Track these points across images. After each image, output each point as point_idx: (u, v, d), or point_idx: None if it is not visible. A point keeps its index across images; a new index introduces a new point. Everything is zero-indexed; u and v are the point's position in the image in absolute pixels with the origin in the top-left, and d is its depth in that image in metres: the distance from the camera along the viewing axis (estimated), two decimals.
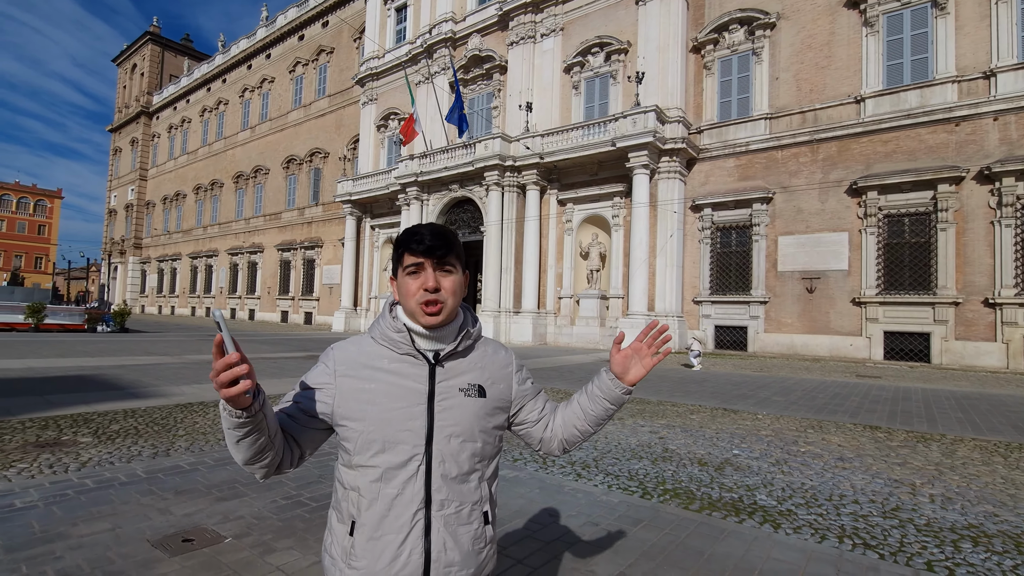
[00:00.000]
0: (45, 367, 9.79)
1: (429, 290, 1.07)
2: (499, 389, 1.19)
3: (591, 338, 19.93)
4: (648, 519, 3.42)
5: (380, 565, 1.03)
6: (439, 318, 1.10)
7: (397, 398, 1.08)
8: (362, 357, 1.12)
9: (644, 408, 7.62)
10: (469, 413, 1.12)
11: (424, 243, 1.08)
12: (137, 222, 52.18)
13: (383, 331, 1.13)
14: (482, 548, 1.13)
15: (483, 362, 1.19)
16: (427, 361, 1.12)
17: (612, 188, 19.85)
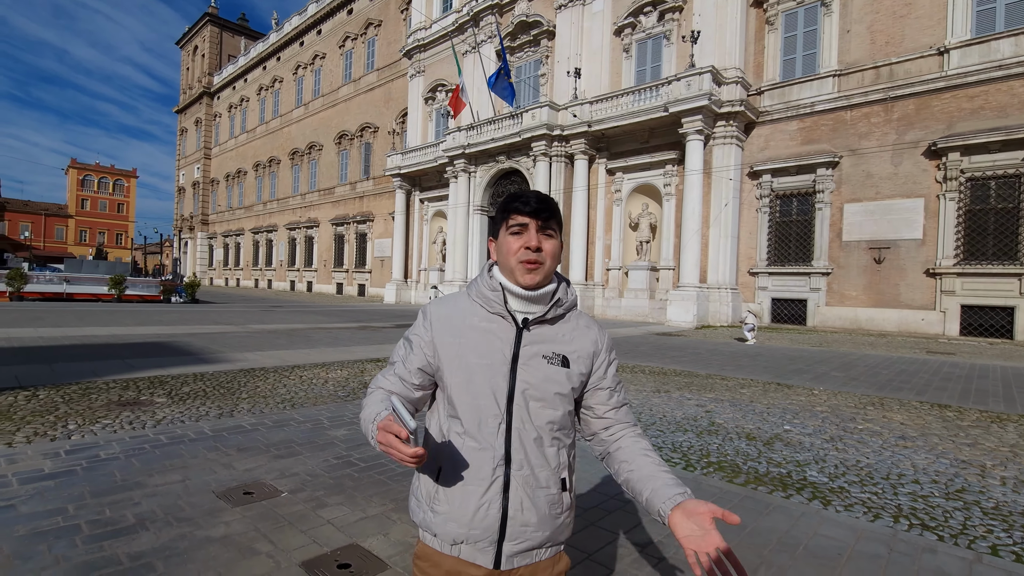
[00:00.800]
0: (126, 334, 10.64)
1: (531, 248, 1.10)
2: (583, 364, 1.19)
3: (640, 310, 19.61)
4: (690, 491, 3.38)
5: (461, 512, 1.08)
6: (537, 277, 1.12)
7: (483, 355, 1.11)
8: (456, 313, 1.16)
9: (692, 381, 7.48)
10: (551, 381, 1.13)
11: (531, 205, 1.12)
12: (203, 199, 55.09)
13: (479, 289, 1.17)
14: (559, 513, 1.14)
15: (572, 334, 1.19)
16: (515, 324, 1.14)
17: (663, 156, 19.16)
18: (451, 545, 1.10)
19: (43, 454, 3.58)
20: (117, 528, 2.60)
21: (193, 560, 2.34)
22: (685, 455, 4.13)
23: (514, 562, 1.11)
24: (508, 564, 1.10)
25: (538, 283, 1.14)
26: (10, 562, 2.26)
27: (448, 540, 1.10)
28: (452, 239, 25.69)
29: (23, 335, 9.73)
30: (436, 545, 1.12)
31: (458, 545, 1.10)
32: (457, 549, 1.10)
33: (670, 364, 9.09)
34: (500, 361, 1.12)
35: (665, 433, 4.74)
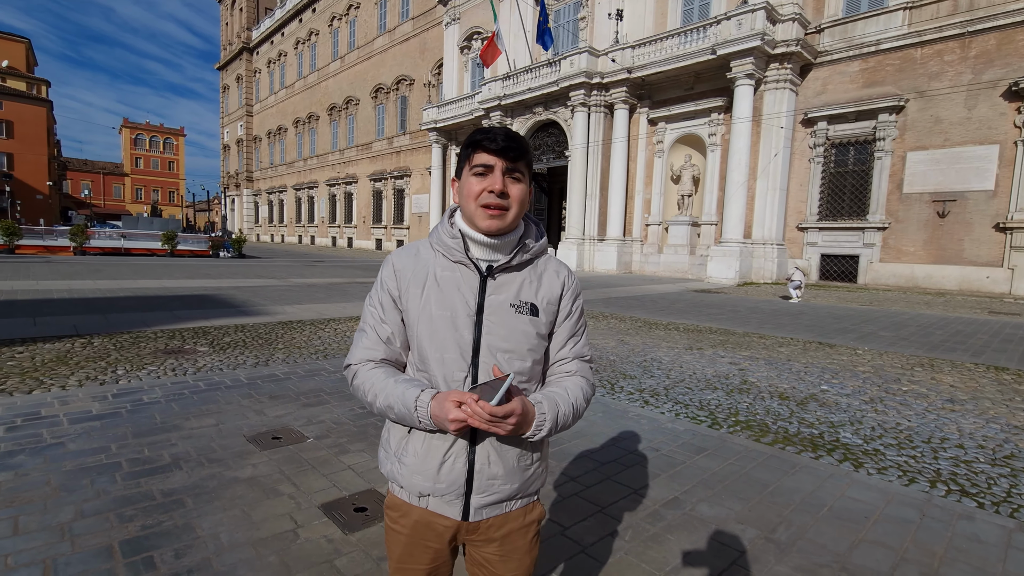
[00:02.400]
0: (175, 287, 11.18)
1: (495, 192, 1.01)
2: (552, 311, 1.11)
3: (679, 267, 19.13)
4: (713, 448, 3.32)
5: (427, 466, 1.05)
6: (498, 223, 1.03)
7: (446, 307, 1.04)
8: (419, 263, 1.09)
9: (727, 339, 7.27)
10: (518, 331, 1.06)
11: (497, 143, 1.01)
12: (247, 156, 56.28)
13: (439, 237, 1.09)
14: (528, 466, 1.10)
15: (540, 280, 1.11)
16: (479, 272, 1.07)
17: (710, 103, 18.12)
18: (418, 497, 1.08)
19: (92, 397, 3.82)
20: (154, 467, 2.76)
21: (220, 498, 2.47)
22: (712, 413, 4.03)
23: (483, 514, 1.08)
24: (477, 516, 1.07)
25: (500, 229, 1.05)
26: (56, 493, 2.43)
27: (415, 492, 1.08)
28: None
29: (83, 287, 10.35)
30: (404, 496, 1.10)
31: (425, 497, 1.07)
32: (425, 501, 1.08)
33: (706, 321, 8.86)
34: (464, 312, 1.05)
35: (693, 391, 4.64)
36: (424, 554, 1.10)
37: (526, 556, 1.14)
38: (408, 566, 1.11)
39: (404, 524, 1.10)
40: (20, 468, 2.66)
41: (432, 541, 1.09)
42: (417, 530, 1.09)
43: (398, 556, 1.12)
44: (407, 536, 1.10)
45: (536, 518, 1.15)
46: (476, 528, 1.09)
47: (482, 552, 1.12)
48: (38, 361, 4.72)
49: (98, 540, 2.09)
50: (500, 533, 1.10)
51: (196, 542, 2.10)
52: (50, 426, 3.23)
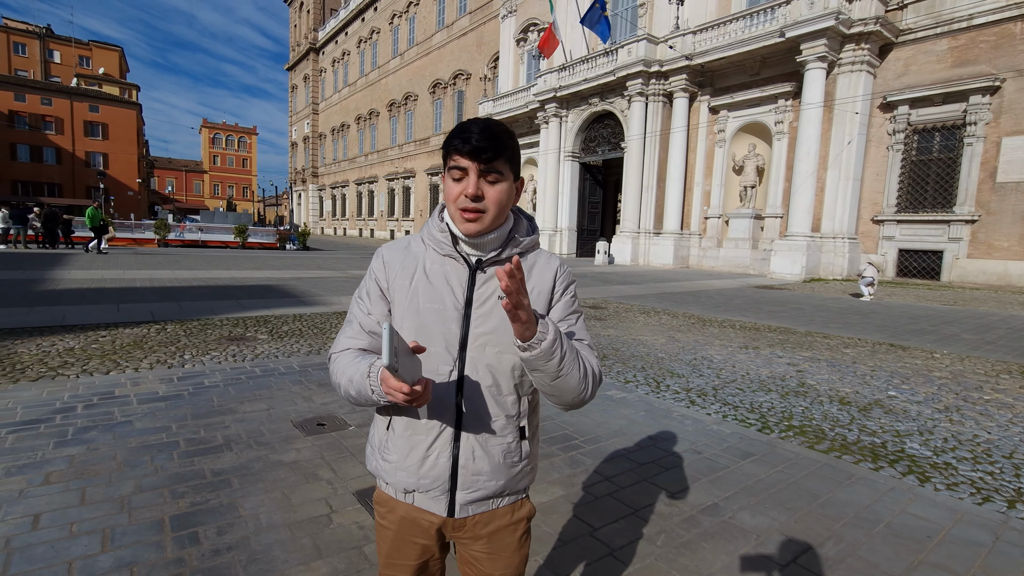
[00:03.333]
0: (243, 277, 11.86)
1: (469, 197, 0.99)
2: (542, 302, 1.08)
3: (740, 261, 18.32)
4: (760, 454, 3.15)
5: (409, 462, 1.05)
6: (476, 227, 1.02)
7: (434, 300, 1.04)
8: (409, 256, 1.09)
9: (787, 338, 6.89)
10: (506, 323, 1.02)
11: (470, 143, 0.97)
12: (313, 153, 58.80)
13: (430, 231, 1.09)
14: (516, 462, 1.08)
15: (530, 272, 1.09)
16: (468, 265, 1.06)
17: (776, 89, 17.17)
18: (404, 493, 1.07)
19: (160, 379, 4.11)
20: (207, 447, 2.94)
21: (263, 480, 2.59)
22: (763, 416, 3.83)
23: (468, 510, 1.06)
24: (463, 512, 1.06)
25: (479, 231, 1.03)
26: (121, 467, 2.64)
27: (400, 488, 1.07)
28: (543, 187, 25.33)
29: (162, 277, 11.19)
30: (391, 492, 1.09)
31: (411, 493, 1.07)
32: (411, 497, 1.07)
33: (765, 319, 8.43)
34: (452, 305, 1.03)
35: (744, 392, 4.43)
36: (412, 550, 1.10)
37: (515, 554, 1.12)
38: (396, 561, 1.11)
39: (391, 520, 1.10)
40: (92, 443, 2.90)
41: (419, 537, 1.09)
42: (404, 526, 1.09)
43: (386, 552, 1.12)
44: (394, 532, 1.10)
45: (525, 515, 1.13)
46: (463, 525, 1.08)
47: (470, 550, 1.11)
48: (117, 344, 5.13)
49: (152, 514, 2.24)
50: (487, 530, 1.09)
51: (238, 521, 2.22)
52: (121, 405, 3.50)
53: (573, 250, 24.94)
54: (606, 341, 6.34)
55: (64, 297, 7.96)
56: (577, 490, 2.63)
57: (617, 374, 4.85)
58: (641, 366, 5.18)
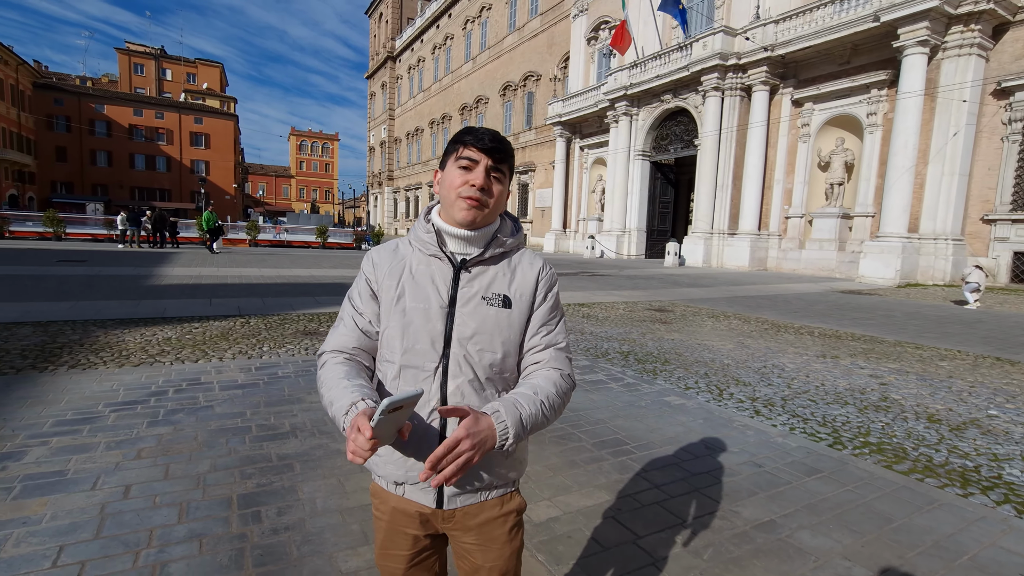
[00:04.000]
0: (321, 275, 12.59)
1: (476, 187, 1.04)
2: (526, 302, 1.12)
3: (824, 264, 17.11)
4: (829, 471, 2.93)
5: (397, 455, 1.08)
6: (475, 215, 1.06)
7: (419, 299, 1.07)
8: (396, 258, 1.13)
9: (872, 348, 6.36)
10: (490, 322, 1.08)
11: (484, 142, 1.05)
12: (389, 157, 61.29)
13: (416, 232, 1.13)
14: (503, 457, 1.11)
15: (514, 273, 1.13)
16: (452, 264, 1.09)
17: (869, 78, 15.88)
18: (395, 485, 1.10)
19: (240, 368, 4.46)
20: (275, 433, 3.16)
21: (322, 467, 2.74)
22: (836, 431, 3.56)
23: (456, 502, 1.09)
24: (451, 504, 1.09)
25: (476, 221, 1.08)
26: (200, 448, 2.89)
27: (391, 480, 1.10)
28: (611, 186, 24.93)
29: (250, 274, 12.11)
30: (383, 484, 1.13)
31: (401, 485, 1.10)
32: (401, 489, 1.10)
33: (848, 327, 7.83)
34: (437, 304, 1.07)
35: (817, 403, 4.14)
36: (404, 540, 1.13)
37: (505, 546, 1.14)
38: (390, 551, 1.15)
39: (384, 511, 1.13)
40: (178, 424, 3.21)
41: (409, 528, 1.12)
42: (395, 517, 1.12)
43: (380, 542, 1.16)
44: (387, 523, 1.13)
45: (514, 508, 1.15)
46: (452, 516, 1.10)
47: (461, 542, 1.14)
48: (207, 336, 5.63)
49: (222, 491, 2.44)
50: (476, 522, 1.11)
51: (296, 503, 2.37)
52: (205, 391, 3.84)
53: (642, 251, 24.35)
54: (669, 345, 6.15)
55: (167, 292, 8.82)
56: (623, 496, 2.57)
57: (678, 380, 4.69)
58: (704, 372, 4.98)
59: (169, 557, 1.94)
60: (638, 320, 7.86)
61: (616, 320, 7.79)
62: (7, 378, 3.90)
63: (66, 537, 2.02)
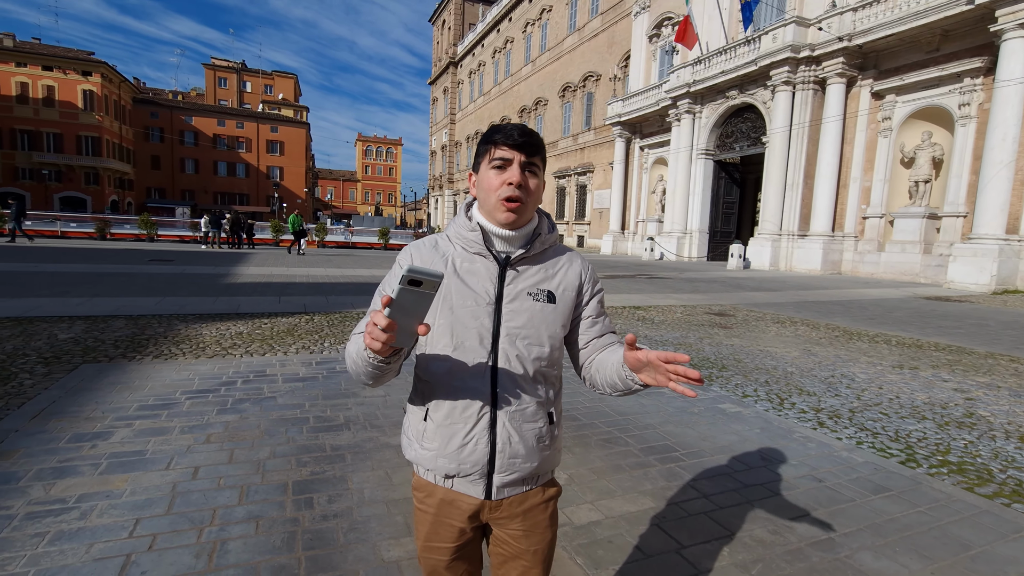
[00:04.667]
0: (382, 275, 12.89)
1: (513, 184, 1.06)
2: (569, 298, 1.16)
3: (907, 268, 15.86)
4: (899, 490, 2.72)
5: (450, 449, 1.11)
6: (516, 216, 1.08)
7: (467, 296, 1.09)
8: (437, 255, 1.14)
9: (958, 359, 5.83)
10: (537, 318, 1.11)
11: (514, 138, 1.06)
12: (449, 160, 62.57)
13: (457, 230, 1.15)
14: (547, 446, 1.16)
15: (556, 268, 1.17)
16: (498, 262, 1.11)
17: (961, 66, 14.60)
18: (444, 478, 1.13)
19: (303, 363, 4.70)
20: (330, 425, 3.30)
21: (371, 459, 2.85)
22: (909, 447, 3.30)
23: (504, 492, 1.13)
24: (499, 494, 1.13)
25: (517, 221, 1.10)
26: (262, 436, 3.08)
27: (440, 474, 1.12)
28: (672, 187, 24.26)
29: (317, 273, 12.73)
30: (430, 478, 1.15)
31: (451, 478, 1.12)
32: (450, 482, 1.12)
33: (932, 335, 7.22)
34: (484, 301, 1.09)
35: (890, 417, 3.84)
36: (450, 532, 1.15)
37: (547, 531, 1.19)
38: (435, 544, 1.17)
39: (430, 504, 1.15)
40: (244, 412, 3.42)
41: (456, 520, 1.14)
42: (442, 509, 1.14)
43: (425, 534, 1.18)
44: (433, 515, 1.15)
45: (554, 495, 1.21)
46: (499, 506, 1.14)
47: (506, 529, 1.16)
48: (275, 331, 5.97)
49: (280, 477, 2.58)
50: (521, 509, 1.15)
51: (345, 492, 2.47)
52: (270, 383, 4.08)
53: (704, 253, 23.53)
54: (727, 350, 5.91)
55: (241, 290, 9.43)
56: (669, 504, 2.50)
57: (735, 387, 4.50)
58: (765, 380, 4.75)
59: (228, 535, 2.08)
60: (696, 324, 7.61)
61: (673, 324, 7.57)
62: (101, 365, 4.31)
63: (142, 511, 2.21)
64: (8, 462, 2.57)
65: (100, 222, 24.19)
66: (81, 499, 2.27)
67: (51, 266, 11.73)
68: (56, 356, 4.50)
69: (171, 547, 1.98)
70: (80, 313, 6.43)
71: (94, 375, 4.02)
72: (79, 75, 45.72)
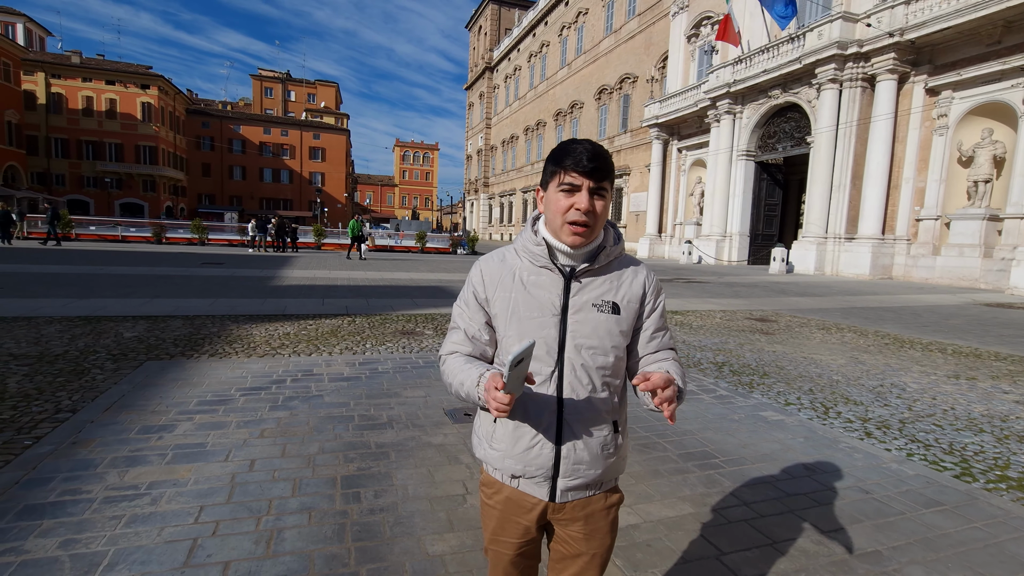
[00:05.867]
0: (419, 278, 13.29)
1: (581, 210, 1.08)
2: (633, 308, 1.19)
3: (965, 272, 15.07)
4: (953, 504, 2.63)
5: (517, 451, 1.17)
6: (583, 239, 1.12)
7: (534, 308, 1.14)
8: (505, 269, 1.20)
9: (1021, 370, 5.52)
10: (601, 328, 1.14)
11: (583, 164, 1.07)
12: (485, 164, 63.09)
13: (524, 244, 1.19)
14: (611, 454, 1.19)
15: (620, 280, 1.19)
16: (562, 275, 1.15)
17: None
18: (511, 478, 1.19)
19: (346, 363, 4.87)
20: (374, 423, 3.43)
21: (414, 456, 2.95)
22: (965, 460, 3.17)
23: (568, 496, 1.17)
24: (563, 498, 1.17)
25: (584, 244, 1.13)
26: (311, 432, 3.22)
27: (507, 474, 1.18)
28: (711, 189, 23.78)
29: (357, 277, 13.08)
30: (497, 476, 1.21)
31: (517, 479, 1.18)
32: (516, 482, 1.18)
33: (992, 345, 6.86)
34: (550, 312, 1.13)
35: (944, 429, 3.70)
36: (515, 529, 1.21)
37: (607, 536, 1.23)
38: (501, 538, 1.23)
39: (497, 500, 1.21)
40: (294, 409, 3.59)
41: (521, 518, 1.19)
42: (508, 506, 1.20)
43: (492, 529, 1.24)
44: (500, 511, 1.21)
45: (616, 502, 1.24)
46: (562, 508, 1.18)
47: (568, 530, 1.21)
48: (319, 332, 6.20)
49: (329, 472, 2.71)
50: (584, 512, 1.20)
51: (390, 488, 2.57)
52: (316, 381, 4.25)
53: (744, 257, 22.95)
54: (769, 357, 5.78)
55: (287, 292, 9.80)
56: (709, 510, 2.50)
57: (777, 394, 4.41)
58: (809, 388, 4.64)
59: (284, 525, 2.20)
60: (736, 330, 7.46)
61: (712, 329, 7.45)
62: (163, 362, 4.59)
63: (205, 499, 2.36)
64: (86, 450, 2.79)
65: (156, 227, 25.53)
66: (151, 486, 2.45)
67: (114, 268, 12.48)
68: (123, 353, 4.81)
69: (233, 533, 2.12)
70: (142, 313, 6.84)
71: (157, 371, 4.29)
72: (138, 88, 48.49)
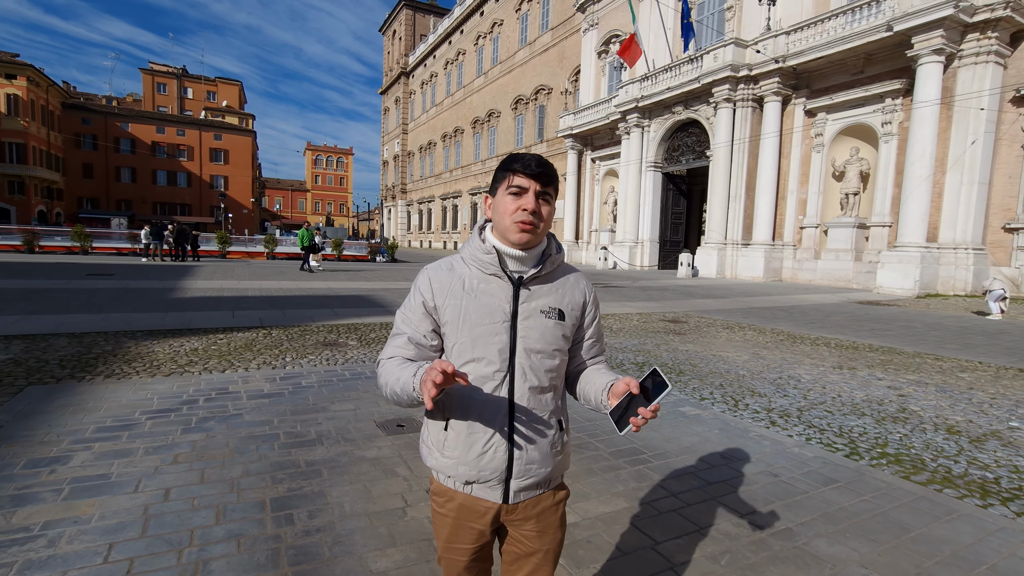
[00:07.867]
0: (338, 287, 12.80)
1: (528, 210, 1.14)
2: (575, 315, 1.26)
3: (840, 274, 16.96)
4: (846, 481, 2.96)
5: (470, 456, 1.18)
6: (529, 237, 1.16)
7: (484, 315, 1.17)
8: (454, 277, 1.21)
9: (890, 359, 6.32)
10: (549, 333, 1.20)
11: (532, 168, 1.14)
12: (402, 170, 62.06)
13: (472, 252, 1.21)
14: (559, 451, 1.25)
15: (564, 287, 1.26)
16: (511, 282, 1.19)
17: (883, 87, 15.85)
18: (464, 484, 1.20)
19: (266, 378, 4.59)
20: (302, 440, 3.26)
21: (348, 473, 2.84)
22: (853, 442, 3.58)
23: (520, 496, 1.21)
24: (516, 499, 1.21)
25: (530, 242, 1.18)
26: (232, 454, 3.01)
27: (461, 481, 1.20)
28: (623, 198, 25.01)
29: (270, 287, 12.35)
30: (450, 484, 1.22)
31: (470, 484, 1.19)
32: (469, 488, 1.20)
33: (866, 338, 7.79)
34: (501, 319, 1.16)
35: (834, 414, 4.15)
36: (469, 534, 1.22)
37: (558, 530, 1.28)
38: (455, 545, 1.24)
39: (450, 508, 1.22)
40: (210, 431, 3.33)
41: (475, 523, 1.21)
42: (462, 513, 1.21)
43: (446, 537, 1.25)
44: (453, 519, 1.22)
45: (564, 497, 1.30)
46: (515, 508, 1.22)
47: (520, 530, 1.24)
48: (232, 347, 5.79)
49: (256, 495, 2.55)
50: (536, 511, 1.24)
51: (325, 507, 2.46)
52: (234, 400, 3.97)
53: (655, 262, 24.33)
54: (683, 356, 6.18)
55: (191, 304, 9.05)
56: (641, 503, 2.63)
57: (692, 391, 4.74)
58: (719, 383, 5.02)
59: (210, 555, 2.04)
60: (652, 331, 7.90)
61: (630, 331, 7.83)
62: (48, 387, 4.07)
63: (114, 536, 2.13)
64: None
65: (28, 234, 22.56)
66: (47, 526, 2.17)
67: None
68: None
69: (151, 570, 1.93)
70: (16, 332, 6.03)
71: (42, 397, 3.80)
72: (2, 78, 42.59)
